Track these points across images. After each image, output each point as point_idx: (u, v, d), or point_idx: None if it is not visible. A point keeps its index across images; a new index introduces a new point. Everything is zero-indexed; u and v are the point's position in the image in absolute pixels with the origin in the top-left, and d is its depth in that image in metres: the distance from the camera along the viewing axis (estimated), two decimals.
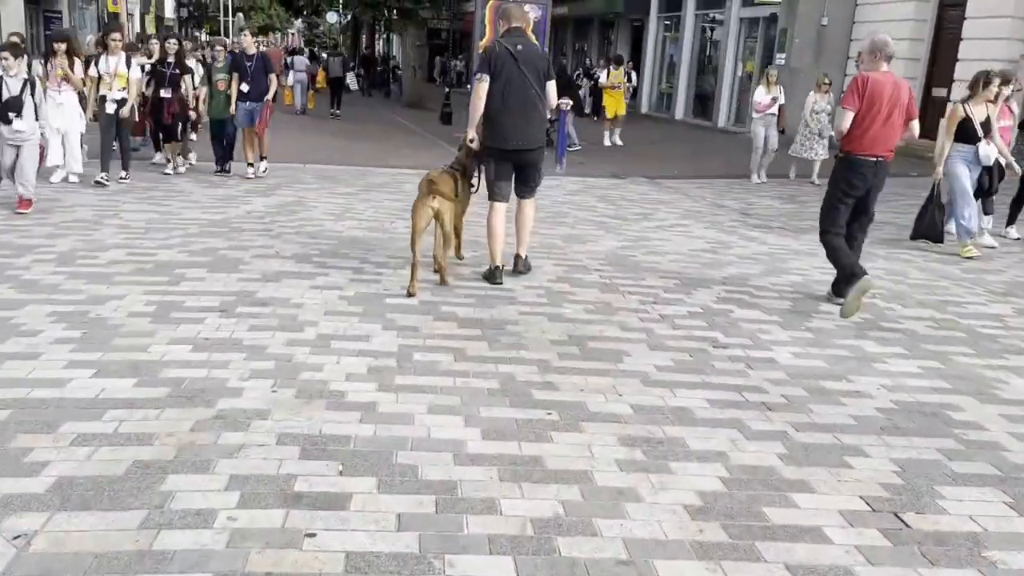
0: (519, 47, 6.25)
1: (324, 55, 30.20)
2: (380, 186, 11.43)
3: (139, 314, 5.38)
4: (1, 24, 26.78)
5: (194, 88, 11.48)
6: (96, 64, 10.19)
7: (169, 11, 55.62)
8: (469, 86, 21.61)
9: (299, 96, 23.18)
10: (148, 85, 11.01)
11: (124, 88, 10.16)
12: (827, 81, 13.65)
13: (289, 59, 24.80)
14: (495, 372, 4.73)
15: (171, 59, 11.10)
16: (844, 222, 6.34)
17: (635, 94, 23.59)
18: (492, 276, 6.58)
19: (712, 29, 24.75)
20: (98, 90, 10.17)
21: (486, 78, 6.19)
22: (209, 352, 4.75)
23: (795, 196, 12.76)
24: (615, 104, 18.40)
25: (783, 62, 19.95)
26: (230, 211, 9.01)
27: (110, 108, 10.11)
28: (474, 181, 6.91)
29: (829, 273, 7.05)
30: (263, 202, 9.66)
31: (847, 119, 6.03)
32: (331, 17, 50.21)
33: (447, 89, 23.07)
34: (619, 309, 6.21)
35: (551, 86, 6.42)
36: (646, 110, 26.92)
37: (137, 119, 11.09)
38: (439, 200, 6.18)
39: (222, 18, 55.41)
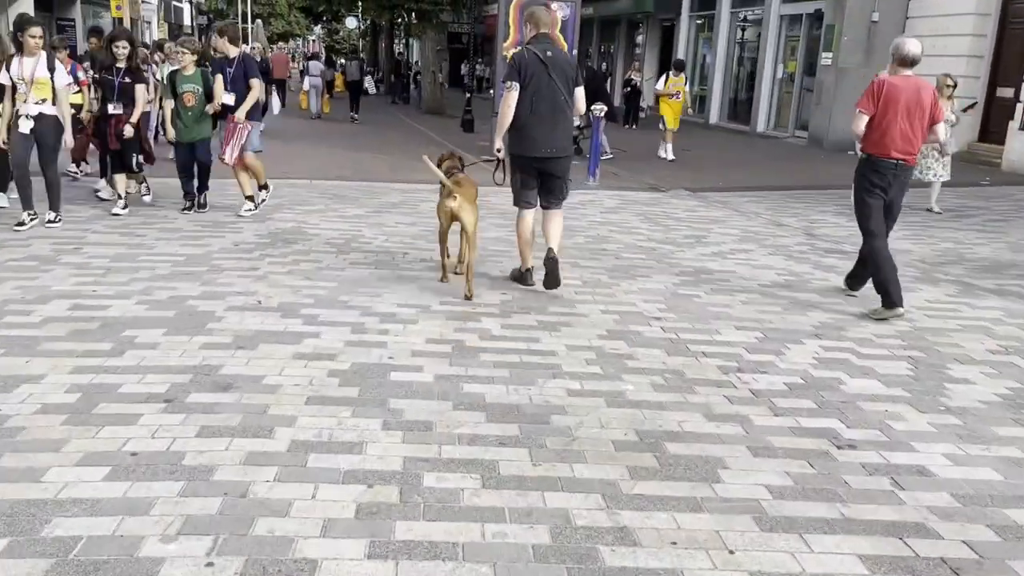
0: (548, 53, 6.01)
1: (342, 60, 29.62)
2: (394, 206, 9.96)
3: (54, 408, 3.91)
4: (9, 30, 25.46)
5: (147, 100, 9.17)
6: (7, 68, 7.67)
7: (187, 18, 54.58)
8: (492, 91, 20.28)
9: (314, 101, 23.01)
10: (98, 97, 8.88)
11: (44, 100, 7.70)
12: (950, 83, 10.63)
13: (305, 64, 24.97)
14: (542, 510, 3.22)
15: (120, 64, 8.46)
16: (880, 218, 6.20)
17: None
18: (524, 279, 6.44)
19: (749, 28, 23.13)
20: (13, 104, 7.74)
21: (516, 86, 5.94)
22: (130, 482, 3.26)
23: None
24: (674, 113, 16.25)
25: (829, 62, 18.33)
26: (214, 243, 7.56)
27: (24, 127, 7.64)
28: (498, 177, 6.62)
29: (940, 315, 5.54)
30: (255, 230, 8.21)
31: (861, 122, 6.05)
32: (350, 22, 49.03)
33: (468, 95, 21.58)
34: (696, 382, 4.69)
35: (579, 92, 6.22)
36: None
37: (72, 143, 8.47)
38: (459, 200, 6.05)
39: (240, 25, 54.14)
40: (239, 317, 5.39)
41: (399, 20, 40.44)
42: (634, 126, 22.56)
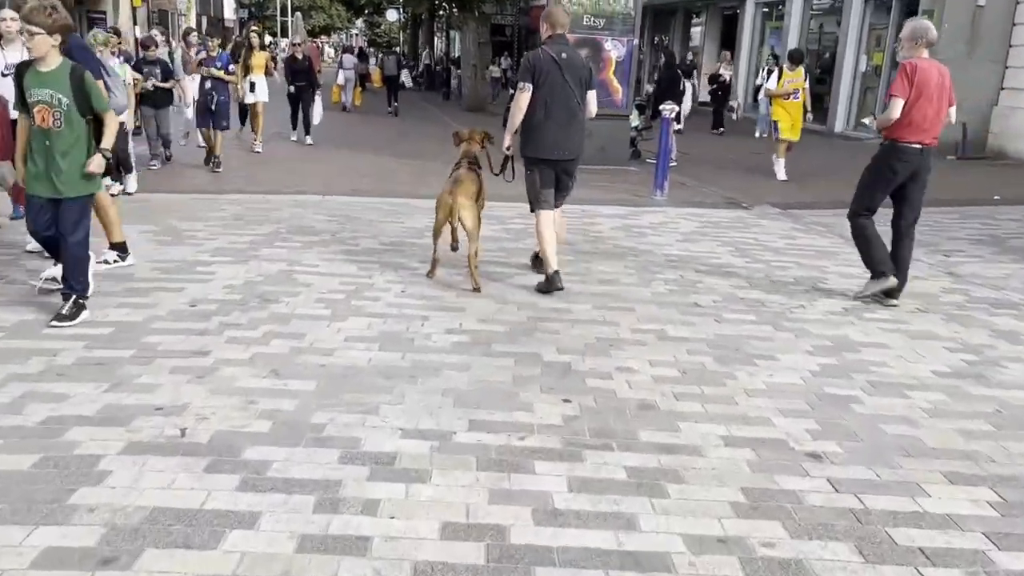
0: (563, 55, 5.86)
1: (380, 54, 28.75)
2: (417, 235, 7.76)
3: None
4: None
5: None
6: None
7: (228, 12, 52.98)
8: None
9: (347, 94, 23.09)
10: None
11: None
12: None
13: (340, 57, 25.15)
14: None
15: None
16: (876, 207, 6.12)
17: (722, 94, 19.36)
18: (551, 283, 6.04)
19: (826, 15, 20.53)
20: None
21: (529, 87, 5.81)
22: None
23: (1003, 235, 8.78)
24: (792, 119, 12.60)
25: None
26: (165, 299, 5.41)
27: None
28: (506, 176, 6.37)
29: None
30: (229, 277, 6.04)
31: (897, 107, 5.69)
32: (391, 15, 47.06)
33: (512, 91, 19.32)
34: None
35: (591, 95, 6.12)
36: (741, 111, 22.70)
37: None
38: (460, 198, 5.86)
39: (279, 18, 52.49)
40: (133, 473, 3.20)
41: (440, 12, 38.34)
42: (721, 130, 18.98)
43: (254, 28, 14.80)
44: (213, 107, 11.22)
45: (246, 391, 4.00)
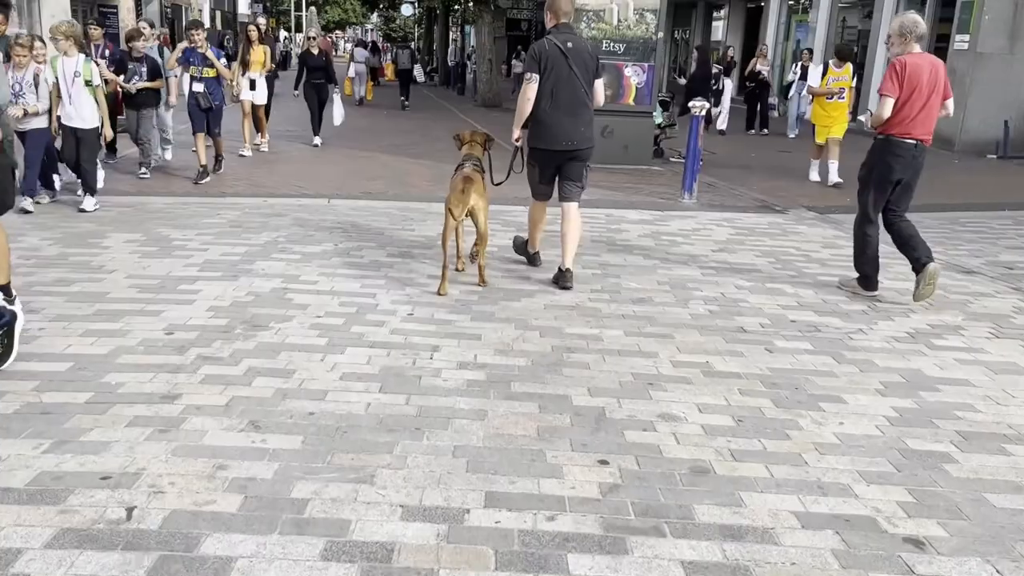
0: (569, 44, 5.70)
1: (394, 49, 28.97)
2: (428, 245, 7.05)
3: None
4: (41, 17, 22.96)
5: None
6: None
7: (243, 6, 52.36)
8: None
9: (359, 87, 22.93)
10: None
11: None
12: None
13: (351, 51, 24.69)
14: None
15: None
16: (881, 207, 5.98)
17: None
18: (532, 260, 6.35)
19: (856, 9, 19.62)
20: None
21: (535, 77, 5.67)
22: None
23: None
24: (833, 120, 11.35)
25: (965, 46, 14.91)
26: (139, 325, 4.71)
27: None
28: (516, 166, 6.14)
29: None
30: (216, 296, 5.34)
31: (887, 107, 5.62)
32: (406, 9, 46.29)
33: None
34: None
35: (599, 85, 5.89)
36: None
37: None
38: (475, 196, 5.55)
39: (294, 13, 51.77)
40: None
41: (455, 6, 37.57)
42: (764, 131, 17.45)
43: (257, 21, 13.60)
44: (203, 109, 9.79)
45: (216, 451, 3.28)
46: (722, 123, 17.23)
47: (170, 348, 4.38)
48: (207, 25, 40.55)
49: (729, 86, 17.13)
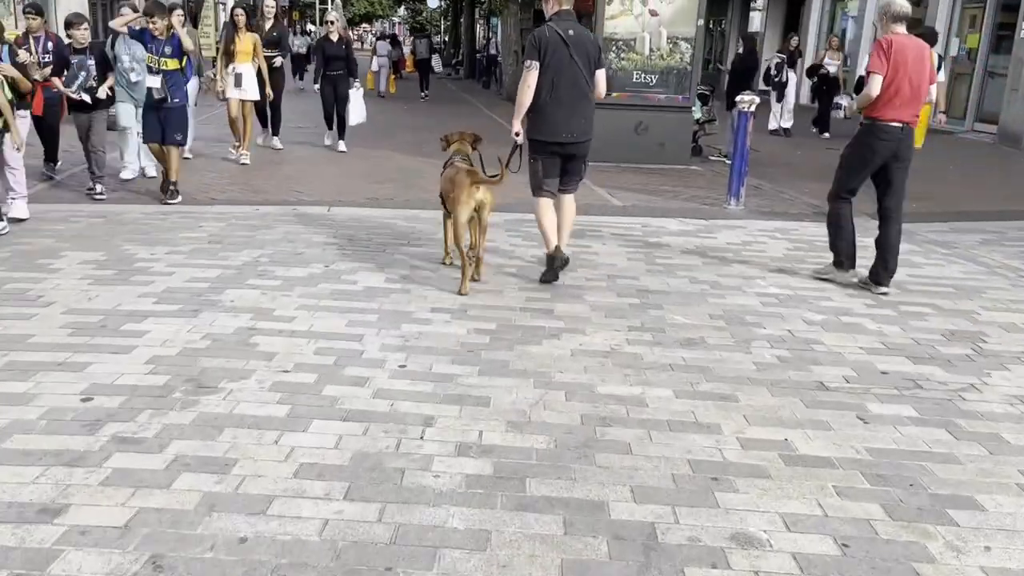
0: (570, 32, 5.40)
1: (413, 39, 28.72)
2: (437, 264, 5.96)
3: None
4: (57, 11, 22.08)
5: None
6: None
7: None
8: None
9: (382, 80, 22.50)
10: None
11: None
12: None
13: (374, 44, 24.44)
14: None
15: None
16: (857, 189, 5.87)
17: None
18: (551, 263, 5.61)
19: None
20: None
21: (535, 66, 5.38)
22: None
23: None
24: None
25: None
26: (51, 388, 3.65)
27: None
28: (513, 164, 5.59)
29: None
30: (163, 339, 4.27)
31: (876, 83, 5.42)
32: (432, 2, 45.23)
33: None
34: None
35: (600, 74, 5.63)
36: (805, 100, 20.34)
37: None
38: (483, 190, 5.31)
39: (318, 5, 50.73)
40: None
41: None
42: (826, 134, 14.84)
43: (245, 4, 10.88)
44: (160, 113, 7.63)
45: None
46: (786, 121, 15.06)
47: (79, 424, 3.31)
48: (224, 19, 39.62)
49: (794, 79, 14.93)
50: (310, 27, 46.23)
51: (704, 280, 5.93)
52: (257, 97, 10.32)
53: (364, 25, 49.59)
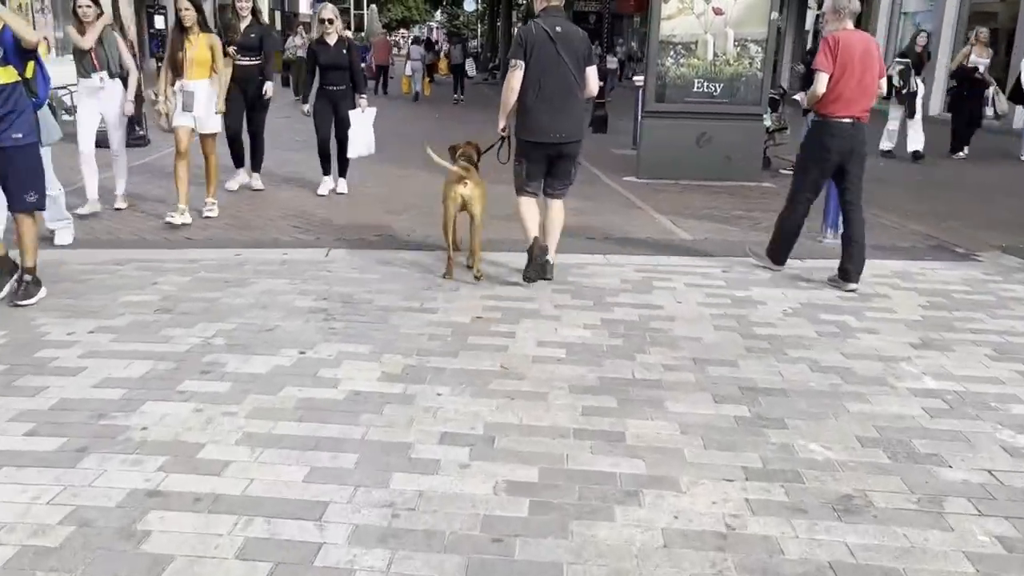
0: (558, 28, 5.16)
1: (447, 43, 28.17)
2: (452, 348, 4.24)
3: None
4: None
5: None
6: None
7: (304, 6, 50.37)
8: (634, 78, 14.38)
9: (416, 84, 22.75)
10: None
11: None
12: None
13: (408, 48, 24.78)
14: None
15: None
16: (819, 189, 5.81)
17: None
18: (532, 256, 5.29)
19: None
20: None
21: (521, 64, 5.15)
22: None
23: None
24: None
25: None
26: None
27: None
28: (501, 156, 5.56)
29: None
30: (26, 499, 2.62)
31: (822, 81, 5.40)
32: (468, 5, 43.74)
33: (600, 84, 15.67)
34: None
35: (591, 72, 5.34)
36: (935, 110, 17.88)
37: None
38: (470, 185, 5.29)
39: (353, 11, 49.27)
40: None
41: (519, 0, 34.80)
42: (962, 152, 12.28)
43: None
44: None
45: None
46: (917, 141, 11.76)
47: None
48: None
49: (922, 90, 11.83)
50: (347, 33, 44.83)
51: (829, 366, 4.15)
52: (218, 128, 7.31)
53: (402, 30, 47.94)
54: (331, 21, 8.38)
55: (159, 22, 22.04)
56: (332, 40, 8.36)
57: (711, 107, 9.64)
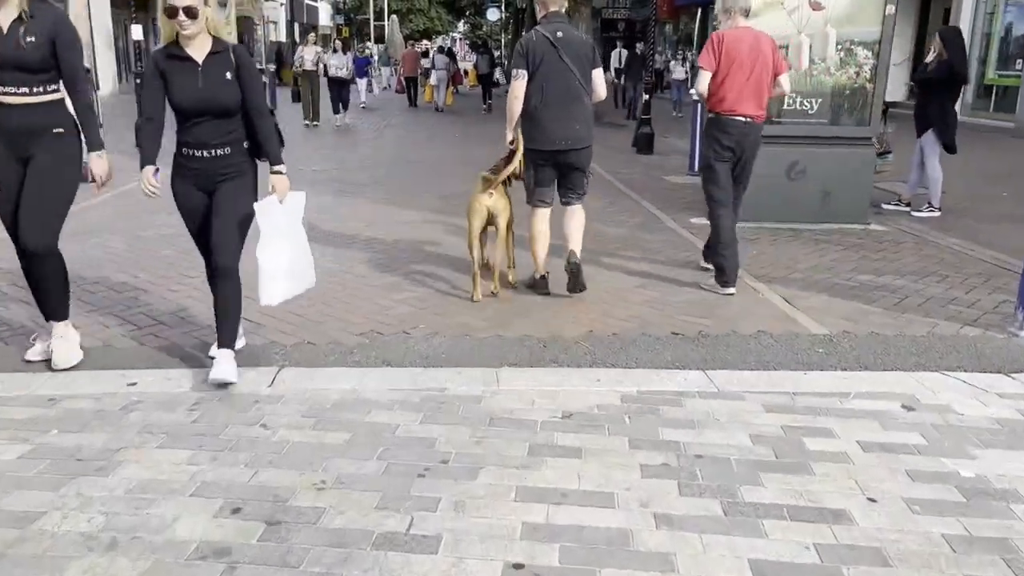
0: (559, 34, 5.02)
1: (475, 54, 27.40)
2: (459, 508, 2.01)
3: None
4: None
5: None
6: None
7: (324, 18, 48.51)
8: (691, 91, 12.12)
9: (440, 94, 22.33)
10: None
11: None
12: None
13: (432, 59, 23.69)
14: None
15: None
16: (727, 185, 5.42)
17: None
18: (538, 286, 5.25)
19: None
20: None
21: (523, 74, 5.01)
22: None
23: None
24: None
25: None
26: None
27: None
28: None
29: None
30: None
31: (704, 79, 5.30)
32: (492, 15, 41.69)
33: (644, 97, 13.40)
34: None
35: (598, 75, 5.13)
36: (963, 115, 15.44)
37: None
38: (495, 197, 5.03)
39: (373, 23, 47.06)
40: None
41: None
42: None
43: None
44: None
45: None
46: None
47: None
48: (282, 39, 36.32)
49: None
50: (371, 45, 42.68)
51: None
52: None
53: (425, 41, 45.61)
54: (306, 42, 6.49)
55: None
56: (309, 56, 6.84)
57: (806, 129, 7.37)
